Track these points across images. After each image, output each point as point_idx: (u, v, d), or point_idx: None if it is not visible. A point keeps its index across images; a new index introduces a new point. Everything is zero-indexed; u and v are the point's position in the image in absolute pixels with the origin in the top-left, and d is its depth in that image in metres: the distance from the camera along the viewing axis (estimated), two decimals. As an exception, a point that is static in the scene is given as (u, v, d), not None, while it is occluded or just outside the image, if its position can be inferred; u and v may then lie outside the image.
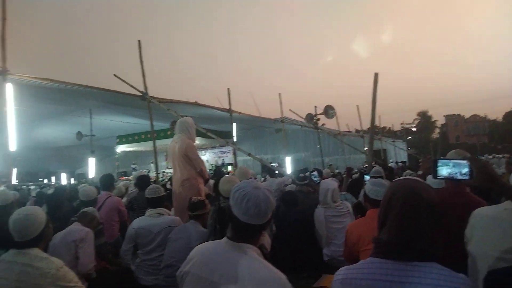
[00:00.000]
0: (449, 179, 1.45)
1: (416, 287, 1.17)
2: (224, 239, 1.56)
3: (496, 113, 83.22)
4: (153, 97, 7.37)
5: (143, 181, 5.50)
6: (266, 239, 3.06)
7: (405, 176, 2.73)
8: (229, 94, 10.57)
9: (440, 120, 69.20)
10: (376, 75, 6.05)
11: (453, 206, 2.31)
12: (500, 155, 21.25)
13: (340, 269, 1.40)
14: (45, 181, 23.02)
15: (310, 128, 16.68)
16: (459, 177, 1.43)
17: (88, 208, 3.84)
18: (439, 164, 1.45)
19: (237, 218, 1.48)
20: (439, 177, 1.45)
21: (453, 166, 1.43)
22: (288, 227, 4.20)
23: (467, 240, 1.93)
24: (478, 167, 1.35)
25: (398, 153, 23.22)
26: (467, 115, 66.16)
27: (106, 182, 5.40)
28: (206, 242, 1.70)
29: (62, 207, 4.53)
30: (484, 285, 1.08)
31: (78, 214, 3.76)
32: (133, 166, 23.10)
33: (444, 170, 1.44)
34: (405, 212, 1.26)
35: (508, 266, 1.10)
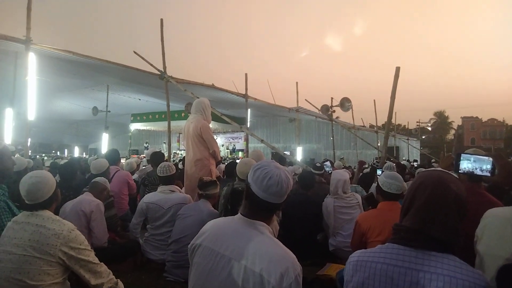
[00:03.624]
0: (469, 174, 1.44)
1: (432, 276, 1.16)
2: (238, 215, 1.57)
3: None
4: (171, 77, 7.37)
5: (157, 158, 5.56)
6: (275, 225, 3.08)
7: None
8: (246, 79, 10.52)
9: (456, 121, 68.07)
10: (397, 69, 5.96)
11: (469, 205, 2.29)
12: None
13: (356, 252, 1.39)
14: (58, 153, 23.41)
15: (324, 120, 16.58)
16: (479, 172, 1.42)
17: (99, 178, 3.90)
18: (461, 158, 1.45)
19: (255, 195, 1.49)
20: (460, 171, 1.45)
21: (474, 161, 1.43)
22: (296, 214, 4.21)
23: (477, 239, 1.92)
24: (502, 164, 1.34)
25: (411, 151, 22.94)
26: (484, 118, 64.91)
27: (113, 156, 5.48)
28: (219, 218, 1.71)
29: (75, 178, 4.60)
30: (497, 278, 1.08)
31: (89, 184, 3.83)
32: (145, 145, 23.38)
33: (465, 165, 1.44)
34: (432, 201, 1.25)
35: None
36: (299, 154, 15.24)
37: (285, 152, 9.35)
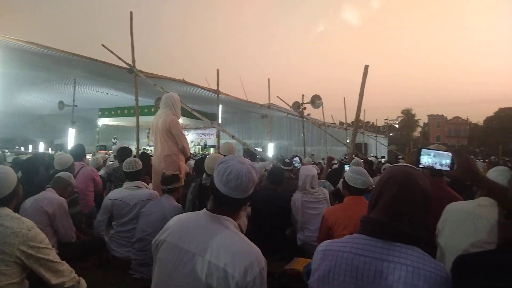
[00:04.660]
0: (429, 169, 1.48)
1: (395, 266, 1.20)
2: (203, 210, 1.56)
3: (477, 117, 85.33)
4: (141, 71, 7.22)
5: (124, 154, 5.39)
6: (243, 220, 3.08)
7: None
8: (218, 74, 10.44)
9: (423, 119, 70.34)
10: (366, 67, 6.06)
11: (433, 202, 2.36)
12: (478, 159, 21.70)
13: (324, 241, 1.42)
14: (22, 148, 22.54)
15: (296, 117, 16.72)
16: (438, 167, 1.46)
17: (63, 173, 3.78)
18: (422, 153, 1.48)
19: (218, 190, 1.49)
20: (420, 166, 1.48)
21: (434, 156, 1.46)
22: (265, 210, 4.23)
23: (438, 232, 1.98)
24: (460, 159, 1.38)
25: (379, 148, 23.52)
26: (450, 116, 67.26)
27: (78, 152, 5.33)
28: (184, 213, 1.69)
29: (38, 174, 4.44)
30: (452, 270, 1.12)
31: (52, 180, 3.70)
32: (113, 140, 22.87)
33: (426, 159, 1.47)
34: (400, 196, 1.28)
35: (476, 252, 1.14)
36: (271, 150, 15.31)
37: (256, 149, 9.37)
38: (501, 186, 1.39)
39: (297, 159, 5.38)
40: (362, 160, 6.12)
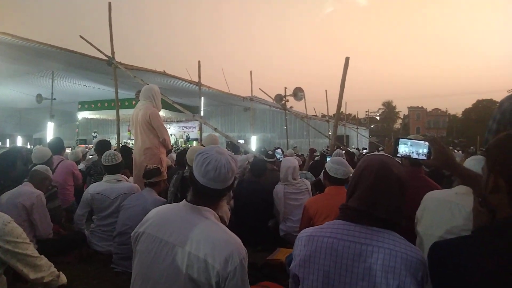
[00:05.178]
0: (406, 158, 1.50)
1: (373, 249, 1.26)
2: (183, 202, 1.55)
3: (456, 109, 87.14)
4: (120, 63, 7.09)
5: (102, 147, 5.25)
6: (226, 212, 3.08)
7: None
8: (199, 66, 10.33)
9: (403, 111, 71.38)
10: (347, 59, 6.11)
11: (409, 188, 2.40)
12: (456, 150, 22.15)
13: (305, 229, 1.47)
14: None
15: (278, 109, 16.73)
16: (415, 156, 1.47)
17: (39, 166, 3.70)
18: (399, 143, 1.50)
19: (197, 181, 1.48)
20: (398, 155, 1.50)
21: (411, 145, 1.48)
22: (248, 202, 4.24)
23: (417, 221, 2.02)
24: (437, 148, 1.39)
25: (360, 140, 23.78)
26: (429, 108, 68.37)
27: (56, 145, 5.21)
28: (164, 205, 1.67)
29: (15, 168, 4.33)
30: (428, 255, 1.14)
31: (29, 174, 3.62)
32: (94, 134, 22.47)
33: (403, 149, 1.48)
34: (376, 184, 1.32)
35: (452, 238, 1.16)
36: (254, 143, 15.31)
37: (239, 141, 9.38)
38: (476, 173, 1.42)
39: (279, 151, 5.39)
40: (343, 152, 6.19)
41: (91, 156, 6.87)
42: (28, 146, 17.94)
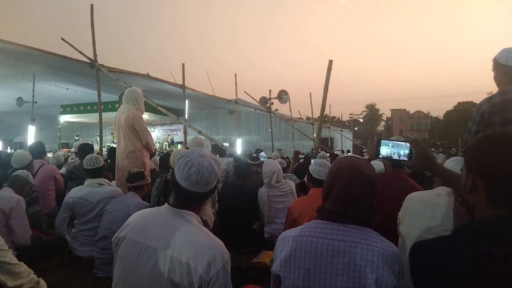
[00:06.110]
0: (388, 159, 1.52)
1: (351, 244, 1.33)
2: (165, 205, 1.53)
3: (438, 111, 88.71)
4: (103, 66, 7.01)
5: (84, 150, 5.16)
6: (209, 215, 3.06)
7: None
8: (183, 69, 10.28)
9: (386, 114, 72.36)
10: (330, 62, 6.14)
11: (391, 189, 2.43)
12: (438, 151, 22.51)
13: (287, 230, 1.54)
14: (-21, 147, 21.44)
15: (263, 112, 16.77)
16: (397, 157, 1.48)
17: (20, 171, 3.62)
18: (381, 144, 1.51)
19: (179, 185, 1.46)
20: (380, 157, 1.51)
21: (392, 146, 1.49)
22: (233, 205, 4.22)
23: (399, 222, 2.04)
24: (418, 149, 1.41)
25: (344, 142, 24.05)
26: (412, 110, 69.38)
27: (37, 149, 5.12)
28: (145, 209, 1.65)
29: (-6, 173, 4.25)
30: (410, 255, 1.15)
31: (10, 179, 3.55)
32: (76, 138, 22.12)
33: (384, 150, 1.50)
34: (349, 184, 1.39)
35: (432, 238, 1.18)
36: (239, 145, 15.31)
37: (224, 144, 9.36)
38: (456, 174, 1.44)
39: (262, 153, 5.40)
40: (328, 154, 6.23)
41: (72, 160, 6.75)
42: (9, 150, 17.53)
